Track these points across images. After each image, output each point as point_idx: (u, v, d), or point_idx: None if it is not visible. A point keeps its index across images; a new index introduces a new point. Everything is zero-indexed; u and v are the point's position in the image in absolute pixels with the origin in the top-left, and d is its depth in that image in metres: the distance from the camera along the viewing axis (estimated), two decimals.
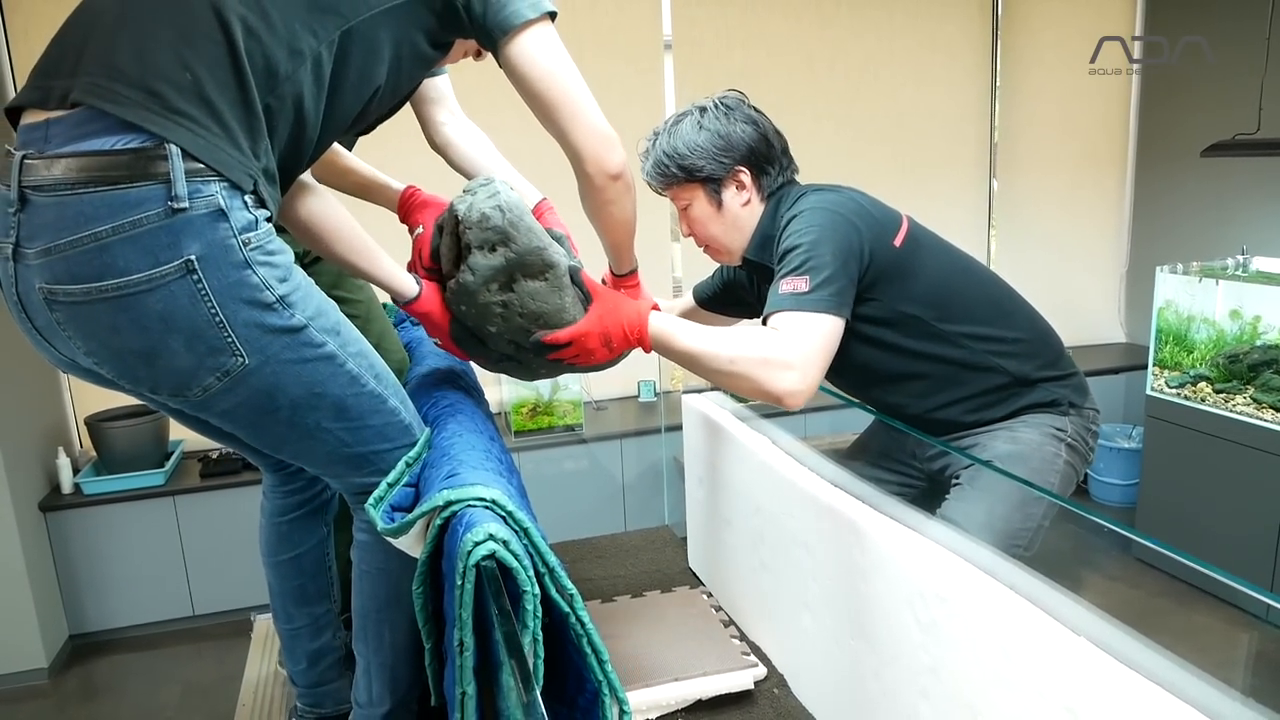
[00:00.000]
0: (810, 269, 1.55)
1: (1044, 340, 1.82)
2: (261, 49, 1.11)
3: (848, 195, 1.72)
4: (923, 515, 1.48)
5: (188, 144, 1.05)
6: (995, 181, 4.73)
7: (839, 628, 1.57)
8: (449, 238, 1.48)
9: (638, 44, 4.10)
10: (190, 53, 1.07)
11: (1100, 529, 1.27)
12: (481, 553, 1.04)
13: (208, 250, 1.06)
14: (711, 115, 1.77)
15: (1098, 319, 5.07)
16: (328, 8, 1.16)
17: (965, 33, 4.57)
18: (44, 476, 3.57)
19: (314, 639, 1.60)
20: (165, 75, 1.06)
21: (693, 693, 1.71)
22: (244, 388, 1.14)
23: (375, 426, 1.26)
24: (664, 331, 1.51)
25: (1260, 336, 3.58)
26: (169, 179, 1.04)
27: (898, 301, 1.70)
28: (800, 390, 1.45)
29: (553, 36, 1.30)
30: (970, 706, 1.22)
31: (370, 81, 1.24)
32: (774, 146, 1.79)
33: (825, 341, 1.51)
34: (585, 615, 1.17)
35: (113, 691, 3.35)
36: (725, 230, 1.81)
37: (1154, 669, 1.01)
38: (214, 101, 1.07)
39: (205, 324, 1.08)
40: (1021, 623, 1.14)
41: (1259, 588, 1.00)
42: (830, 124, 4.45)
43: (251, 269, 1.09)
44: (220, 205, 1.07)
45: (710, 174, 1.76)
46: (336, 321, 1.21)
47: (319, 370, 1.17)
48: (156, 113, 1.04)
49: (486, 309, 1.46)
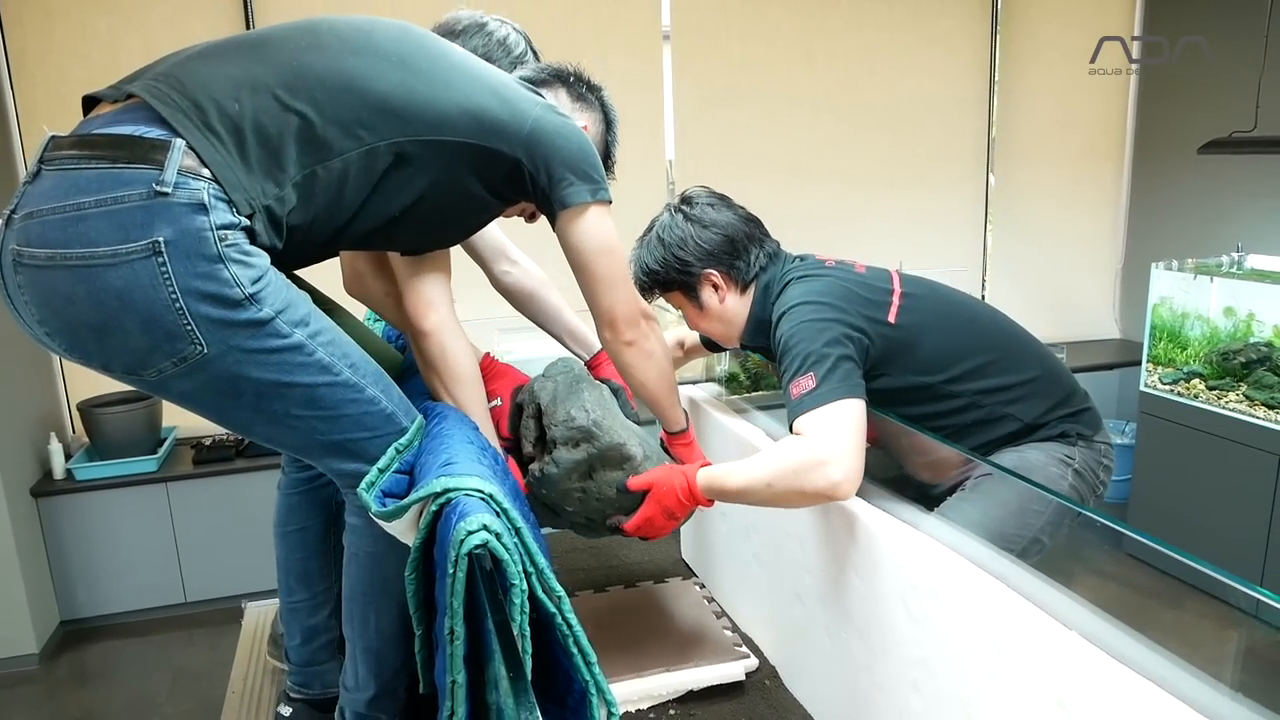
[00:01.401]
0: (812, 365, 1.54)
1: (1054, 377, 1.79)
2: (314, 130, 1.19)
3: (831, 280, 1.70)
4: (916, 509, 1.48)
5: (205, 153, 1.11)
6: (993, 176, 4.73)
7: (831, 620, 1.58)
8: (530, 421, 1.66)
9: (637, 35, 4.09)
10: (248, 93, 1.17)
11: (1092, 524, 1.28)
12: (474, 541, 1.04)
13: (179, 237, 1.08)
14: (668, 227, 1.80)
15: (1093, 315, 5.08)
16: (395, 116, 1.24)
17: (964, 27, 4.57)
18: (36, 462, 3.56)
19: (310, 615, 1.61)
20: (216, 98, 1.15)
21: (684, 683, 1.72)
22: (203, 374, 1.15)
23: (351, 415, 1.26)
24: (712, 485, 1.57)
25: (1254, 334, 3.59)
26: (162, 166, 1.08)
27: (903, 374, 1.68)
28: (842, 480, 1.42)
29: (606, 219, 1.42)
30: (961, 700, 1.22)
31: (412, 192, 1.30)
32: (737, 241, 1.78)
33: (852, 424, 1.48)
34: (573, 617, 1.16)
35: (104, 677, 3.34)
36: (714, 325, 1.85)
37: (1144, 664, 1.01)
38: (247, 137, 1.15)
39: (163, 308, 1.09)
40: (1013, 616, 1.14)
41: (1249, 583, 1.00)
42: (829, 116, 4.44)
43: (224, 264, 1.10)
44: (203, 200, 1.09)
45: (681, 283, 1.80)
46: (307, 314, 1.21)
47: (286, 360, 1.18)
48: (193, 122, 1.12)
49: (566, 494, 1.61)
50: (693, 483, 1.57)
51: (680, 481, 1.58)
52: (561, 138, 1.37)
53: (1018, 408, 1.73)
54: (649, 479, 1.61)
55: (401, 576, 1.30)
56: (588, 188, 1.39)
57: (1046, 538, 1.70)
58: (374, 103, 1.23)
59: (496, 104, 1.32)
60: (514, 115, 1.33)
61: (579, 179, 1.38)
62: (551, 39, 3.96)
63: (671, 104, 4.16)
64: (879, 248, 4.57)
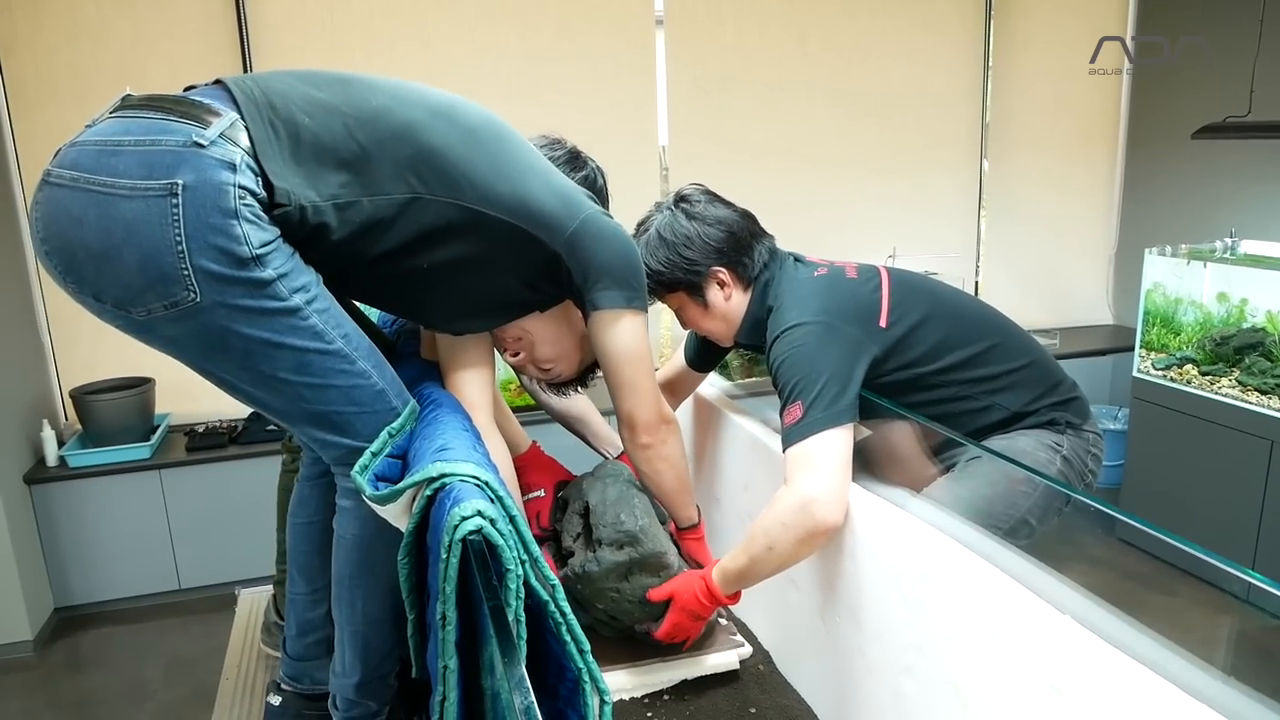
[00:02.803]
0: (800, 393, 1.55)
1: (1041, 367, 1.80)
2: (369, 164, 1.25)
3: (824, 291, 1.70)
4: (908, 494, 1.48)
5: (257, 137, 1.17)
6: (986, 162, 4.72)
7: (825, 605, 1.58)
8: (576, 517, 1.72)
9: (629, 19, 4.07)
10: (321, 113, 1.23)
11: (1085, 508, 1.28)
12: (469, 527, 1.04)
13: (200, 185, 1.11)
14: (670, 225, 1.77)
15: (1086, 301, 5.08)
16: (449, 178, 1.29)
17: (958, 12, 4.55)
18: (29, 449, 3.55)
19: (307, 609, 1.60)
20: (291, 106, 1.21)
21: (679, 673, 1.72)
22: (192, 322, 1.16)
23: (340, 387, 1.26)
24: (726, 576, 1.60)
25: (1247, 319, 3.60)
26: (207, 125, 1.13)
27: (895, 372, 1.69)
28: (830, 515, 1.46)
29: (639, 328, 1.46)
30: (955, 683, 1.22)
31: (445, 254, 1.33)
32: (741, 237, 1.76)
33: (837, 456, 1.50)
34: (565, 606, 1.16)
35: (98, 664, 3.34)
36: (716, 324, 1.83)
37: (1137, 648, 1.01)
38: (304, 144, 1.21)
39: (165, 249, 1.11)
40: (1006, 601, 1.14)
41: (1242, 567, 1.01)
42: (822, 101, 4.43)
43: (238, 220, 1.13)
44: (234, 161, 1.13)
45: (688, 283, 1.77)
46: (308, 282, 1.23)
47: (279, 322, 1.19)
48: (260, 113, 1.19)
49: (601, 592, 1.67)
50: (710, 583, 1.61)
51: (699, 585, 1.62)
52: (605, 241, 1.41)
53: (1004, 397, 1.75)
54: (669, 589, 1.65)
55: (389, 561, 1.30)
56: (624, 294, 1.43)
57: (1034, 520, 1.71)
58: (434, 160, 1.28)
59: (550, 196, 1.36)
60: (564, 209, 1.37)
61: (616, 285, 1.42)
62: (544, 23, 3.96)
63: (664, 89, 4.14)
64: (872, 233, 4.56)
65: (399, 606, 1.39)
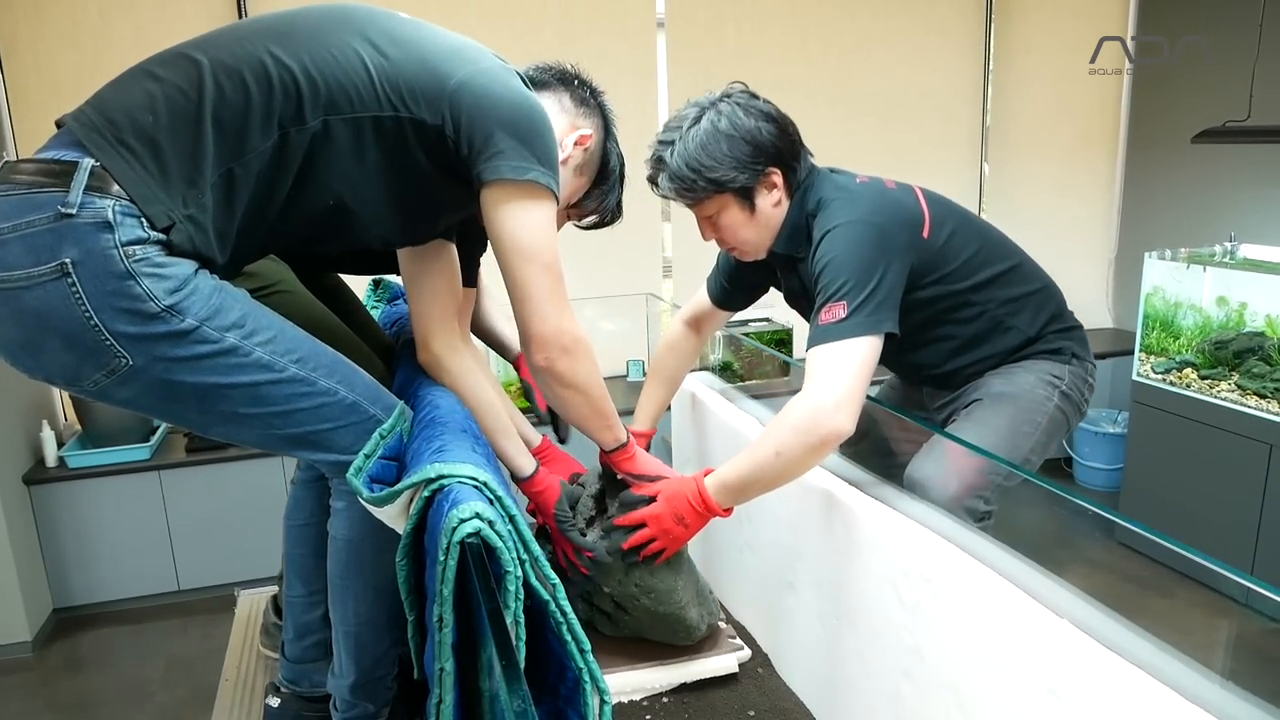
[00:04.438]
0: (847, 293, 1.53)
1: (1051, 292, 1.87)
2: (234, 116, 1.17)
3: (874, 194, 1.69)
4: (908, 497, 1.48)
5: (118, 172, 1.12)
6: (986, 165, 4.72)
7: (823, 608, 1.58)
8: (590, 499, 1.70)
9: (630, 21, 4.07)
10: (162, 99, 1.16)
11: (1084, 512, 1.28)
12: (466, 530, 1.04)
13: (86, 257, 1.09)
14: (729, 117, 1.66)
15: (1086, 304, 5.07)
16: (307, 100, 1.20)
17: (959, 14, 4.55)
18: (28, 449, 3.55)
19: (304, 612, 1.59)
20: (130, 111, 1.16)
21: (677, 676, 1.72)
22: (137, 382, 1.16)
23: (306, 409, 1.24)
24: (721, 484, 1.54)
25: (1246, 323, 3.60)
26: (68, 188, 1.10)
27: (935, 285, 1.71)
28: (845, 423, 1.45)
29: (538, 213, 1.27)
30: (953, 687, 1.22)
31: (348, 179, 1.26)
32: (795, 137, 1.72)
33: (861, 367, 1.49)
34: (566, 605, 1.16)
35: (97, 665, 3.34)
36: (757, 232, 1.74)
37: (1135, 652, 1.01)
38: (162, 146, 1.15)
39: (80, 326, 1.11)
40: (1004, 604, 1.14)
41: (1240, 572, 1.01)
42: (823, 103, 4.43)
43: (135, 279, 1.11)
44: (107, 219, 1.10)
45: (742, 185, 1.67)
46: (241, 315, 1.20)
47: (220, 363, 1.17)
48: (106, 139, 1.14)
49: (609, 571, 1.65)
50: (703, 489, 1.56)
51: (690, 488, 1.57)
52: (492, 98, 1.25)
53: (1022, 319, 1.80)
54: (655, 487, 1.61)
55: (380, 563, 1.31)
56: (515, 163, 1.24)
57: (1036, 456, 1.78)
58: (288, 88, 1.19)
59: (417, 69, 1.24)
60: (433, 79, 1.24)
61: (507, 152, 1.24)
62: (545, 25, 3.96)
63: (665, 91, 4.14)
64: None
65: (395, 608, 1.39)
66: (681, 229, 4.22)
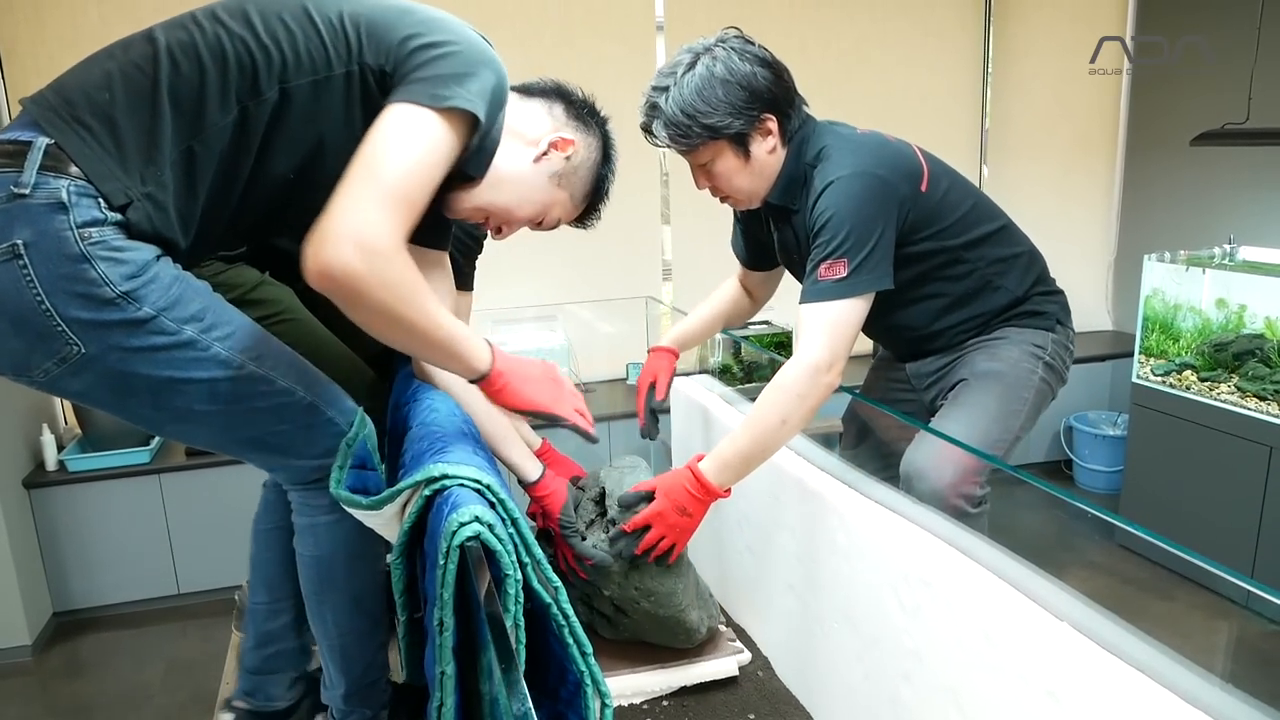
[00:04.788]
0: (849, 249, 1.55)
1: (1035, 255, 1.91)
2: (191, 93, 1.15)
3: (875, 146, 1.69)
4: (908, 500, 1.48)
5: (73, 149, 1.09)
6: (985, 167, 4.73)
7: (823, 611, 1.58)
8: (590, 503, 1.69)
9: (630, 24, 4.07)
10: (119, 77, 1.14)
11: (1084, 515, 1.28)
12: (466, 533, 1.04)
13: (38, 239, 1.06)
14: (724, 63, 1.63)
15: (1085, 306, 5.07)
16: (262, 72, 1.17)
17: (958, 17, 4.56)
18: (28, 453, 3.55)
19: (266, 620, 1.55)
20: (87, 90, 1.13)
21: (678, 679, 1.72)
22: (90, 372, 1.13)
23: (264, 409, 1.22)
24: (721, 463, 1.55)
25: (1246, 325, 3.60)
26: (21, 168, 1.07)
27: (930, 240, 1.73)
28: (836, 381, 1.53)
29: (428, 121, 1.13)
30: (952, 690, 1.22)
31: (310, 145, 1.21)
32: (789, 84, 1.71)
33: (854, 325, 1.56)
34: (568, 608, 1.16)
35: (97, 669, 3.34)
36: (752, 180, 1.72)
37: (1135, 654, 1.01)
38: (118, 122, 1.12)
39: (31, 310, 1.07)
40: (1004, 607, 1.14)
41: (1240, 574, 1.01)
42: (822, 105, 4.37)
43: (90, 263, 1.08)
44: (61, 199, 1.07)
45: (737, 131, 1.64)
46: (201, 308, 1.17)
47: (176, 356, 1.14)
48: (62, 118, 1.11)
49: (609, 575, 1.65)
50: (699, 475, 1.55)
51: (685, 475, 1.56)
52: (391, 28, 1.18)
53: (1010, 279, 1.83)
54: (653, 482, 1.61)
55: (355, 573, 1.30)
56: (428, 91, 1.14)
57: (1025, 431, 1.82)
58: (236, 62, 1.16)
59: (375, 17, 1.20)
60: (387, 25, 1.19)
61: (421, 82, 1.15)
62: (544, 29, 3.96)
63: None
64: None
65: (376, 612, 1.39)
66: (681, 231, 4.22)
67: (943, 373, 1.89)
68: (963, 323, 1.85)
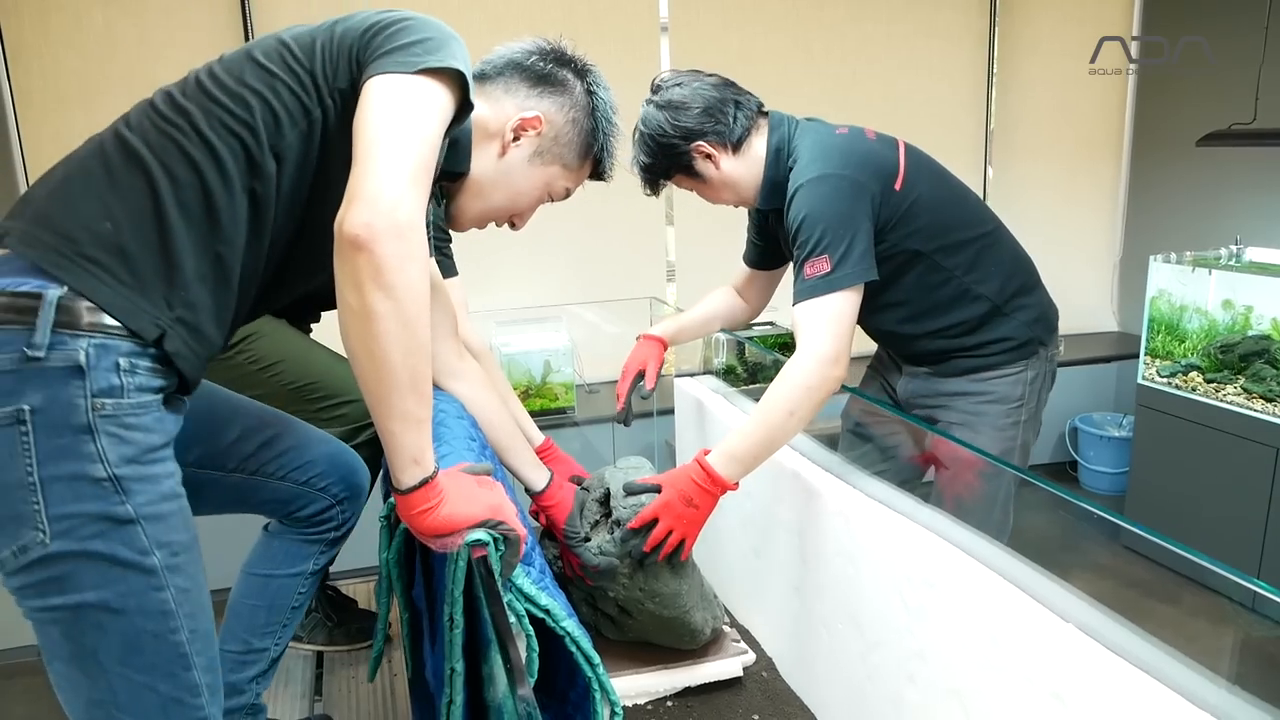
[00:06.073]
0: (828, 246, 1.60)
1: (1020, 264, 1.91)
2: (198, 199, 1.07)
3: (847, 147, 1.73)
4: (913, 500, 1.48)
5: (88, 289, 1.01)
6: (991, 169, 4.72)
7: (827, 612, 1.58)
8: (595, 504, 1.69)
9: (634, 26, 4.08)
10: (115, 200, 1.05)
11: (1089, 516, 1.28)
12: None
13: (49, 405, 0.98)
14: (647, 120, 1.82)
15: (1091, 308, 5.07)
16: (253, 148, 1.09)
17: (963, 19, 4.55)
18: None
19: (234, 670, 1.48)
20: (86, 222, 1.04)
21: (682, 680, 1.72)
22: (35, 573, 1.01)
23: (159, 693, 1.07)
24: (729, 456, 1.55)
25: (1252, 327, 3.59)
26: (34, 325, 0.98)
27: (902, 241, 1.75)
28: (844, 371, 1.56)
29: (417, 87, 1.06)
30: (957, 691, 1.22)
31: (308, 190, 1.15)
32: (712, 108, 1.79)
33: (848, 318, 1.59)
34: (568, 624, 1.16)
35: None
36: (726, 193, 1.85)
37: (1141, 656, 1.01)
38: (130, 251, 1.04)
39: (16, 483, 0.98)
40: (1009, 609, 1.14)
41: (1247, 576, 1.00)
42: (826, 108, 4.38)
43: (92, 435, 0.99)
44: (79, 362, 0.99)
45: (678, 165, 1.80)
46: (182, 543, 1.08)
47: (128, 582, 1.03)
48: (66, 257, 1.02)
49: (615, 575, 1.64)
50: (708, 468, 1.55)
51: (693, 468, 1.56)
52: None
53: (989, 287, 1.84)
54: (658, 477, 1.63)
55: None
56: (403, 60, 1.07)
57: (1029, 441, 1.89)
58: (228, 149, 1.09)
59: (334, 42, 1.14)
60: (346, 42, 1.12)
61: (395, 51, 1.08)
62: (548, 31, 3.95)
63: None
64: None
65: None
66: (685, 232, 4.22)
67: (928, 413, 1.94)
68: (941, 330, 1.86)
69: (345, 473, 1.48)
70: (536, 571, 1.20)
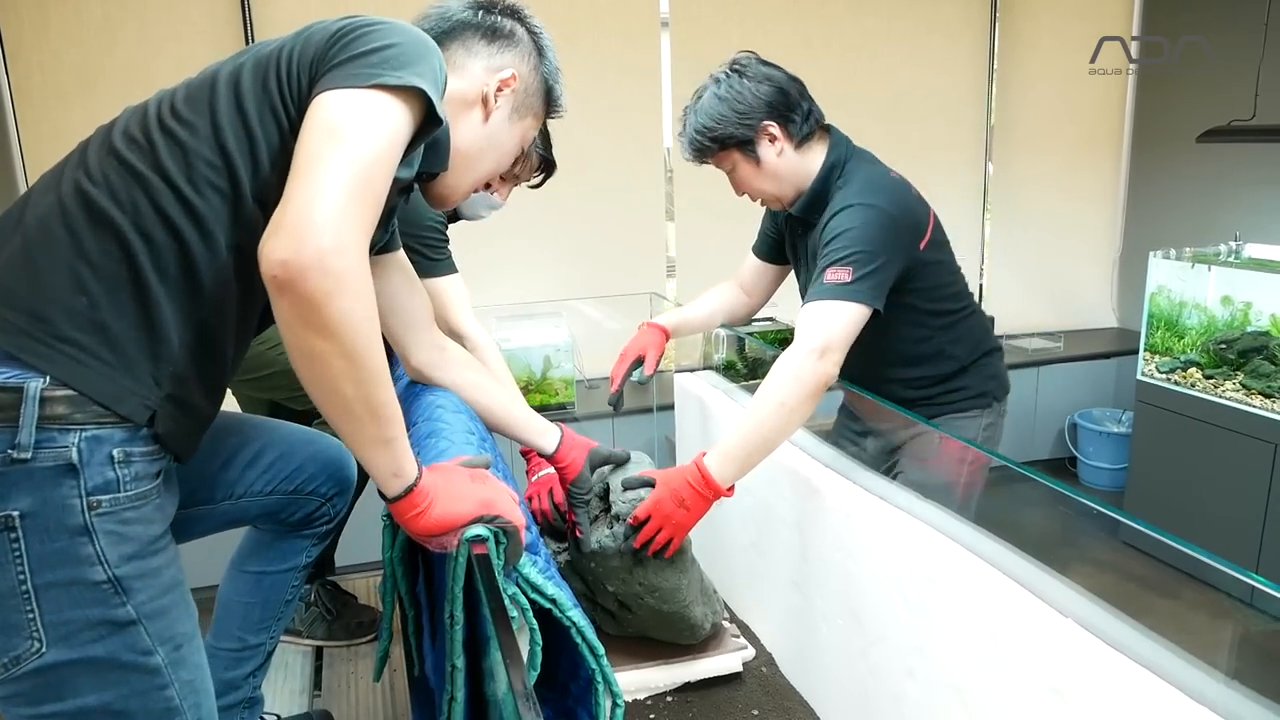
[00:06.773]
0: (855, 261, 1.65)
1: (987, 335, 2.04)
2: (177, 261, 0.98)
3: (898, 192, 1.80)
4: (912, 495, 1.48)
5: (70, 375, 0.92)
6: (991, 165, 4.72)
7: (827, 607, 1.58)
8: (595, 499, 1.66)
9: (634, 21, 4.07)
10: (87, 270, 0.95)
11: (1089, 511, 1.28)
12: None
13: (40, 508, 0.91)
14: (725, 83, 1.82)
15: (1090, 304, 5.07)
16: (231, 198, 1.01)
17: (964, 15, 4.55)
18: None
19: (230, 668, 1.46)
20: (57, 297, 0.94)
21: (682, 675, 1.72)
22: (27, 681, 0.94)
23: None
24: (723, 454, 1.57)
25: (1251, 323, 3.59)
26: (16, 424, 0.90)
27: (904, 294, 1.81)
28: (834, 370, 1.58)
29: (366, 103, 0.96)
30: (956, 686, 1.22)
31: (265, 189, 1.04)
32: (791, 94, 1.84)
33: (851, 326, 1.62)
34: (575, 614, 1.16)
35: None
36: (770, 182, 1.87)
37: (1140, 651, 1.01)
38: (109, 327, 0.95)
39: (7, 592, 0.91)
40: (1009, 604, 1.14)
41: (1245, 571, 1.01)
42: (827, 103, 4.37)
43: (90, 537, 0.93)
44: (72, 460, 0.92)
45: (741, 137, 1.81)
46: (184, 633, 1.03)
47: (130, 683, 0.97)
48: (41, 341, 0.93)
49: (614, 571, 1.64)
50: (704, 469, 1.56)
51: (689, 468, 1.57)
52: None
53: (960, 349, 1.95)
54: (652, 473, 1.63)
55: None
56: (359, 75, 0.96)
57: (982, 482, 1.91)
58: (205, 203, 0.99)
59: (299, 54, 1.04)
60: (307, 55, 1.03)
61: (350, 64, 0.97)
62: (548, 26, 3.95)
63: (670, 91, 4.14)
64: None
65: None
66: (685, 228, 4.22)
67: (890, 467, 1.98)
68: (911, 380, 1.97)
69: (333, 470, 1.44)
70: (543, 561, 1.20)
